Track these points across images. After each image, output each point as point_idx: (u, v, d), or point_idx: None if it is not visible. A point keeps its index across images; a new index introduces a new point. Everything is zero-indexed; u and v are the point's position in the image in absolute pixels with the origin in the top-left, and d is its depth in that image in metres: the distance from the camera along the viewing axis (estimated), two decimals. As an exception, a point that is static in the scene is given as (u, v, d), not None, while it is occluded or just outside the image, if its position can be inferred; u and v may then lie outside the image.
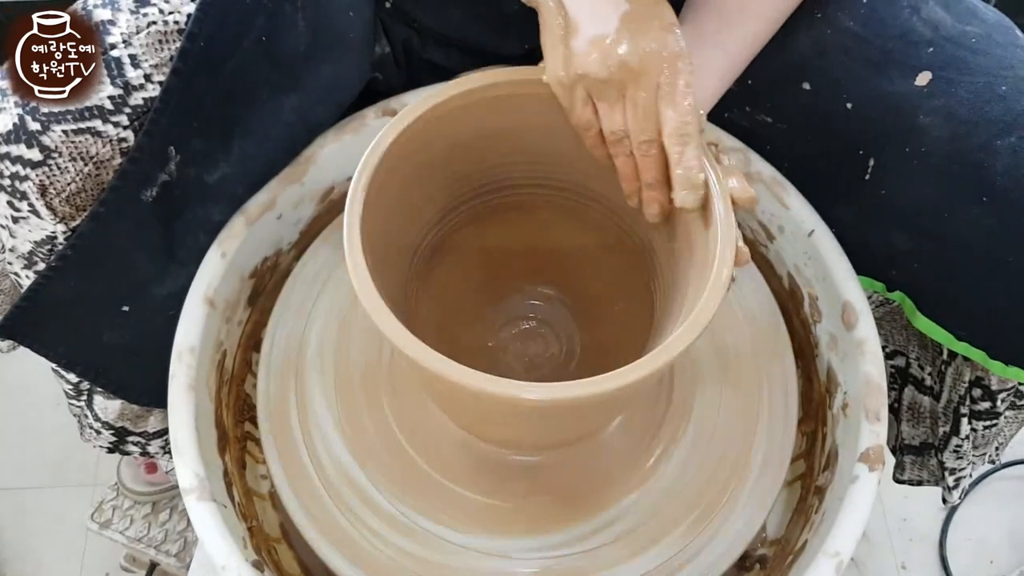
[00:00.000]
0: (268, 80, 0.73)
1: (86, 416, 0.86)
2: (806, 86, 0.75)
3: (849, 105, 0.72)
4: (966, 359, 0.76)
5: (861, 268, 0.76)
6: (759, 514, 0.71)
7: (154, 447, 0.90)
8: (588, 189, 0.71)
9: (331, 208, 0.84)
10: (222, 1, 0.67)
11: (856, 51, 0.72)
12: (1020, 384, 0.72)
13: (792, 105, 0.76)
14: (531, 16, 0.81)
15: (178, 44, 0.66)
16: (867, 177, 0.73)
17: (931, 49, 0.70)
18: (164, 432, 0.88)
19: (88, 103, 0.64)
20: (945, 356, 0.80)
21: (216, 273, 0.73)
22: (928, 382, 0.85)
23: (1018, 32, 0.73)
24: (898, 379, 0.88)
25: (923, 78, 0.69)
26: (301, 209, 0.81)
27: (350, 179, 0.58)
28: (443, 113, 0.62)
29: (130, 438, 0.88)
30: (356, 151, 0.59)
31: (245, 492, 0.75)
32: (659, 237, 0.68)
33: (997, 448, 0.85)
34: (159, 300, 0.73)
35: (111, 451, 0.90)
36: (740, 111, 0.80)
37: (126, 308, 0.73)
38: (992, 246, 0.68)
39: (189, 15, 0.67)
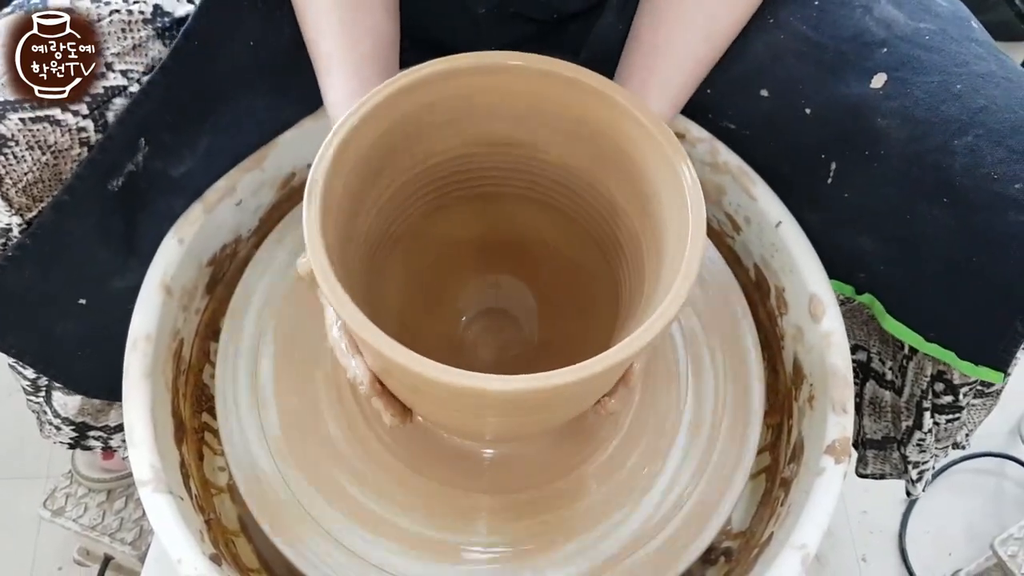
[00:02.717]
0: (249, 83, 0.72)
1: (45, 412, 0.84)
2: (764, 93, 0.74)
3: (808, 110, 0.72)
4: (927, 354, 0.76)
5: (830, 271, 0.76)
6: (724, 506, 0.71)
7: (116, 441, 0.89)
8: (554, 178, 0.70)
9: (291, 195, 0.83)
10: (223, 1, 0.67)
11: (810, 55, 0.72)
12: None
13: (752, 112, 0.76)
14: (501, 17, 0.80)
15: (143, 32, 0.66)
16: (830, 181, 0.73)
17: (885, 50, 0.69)
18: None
19: None
20: (906, 351, 0.80)
21: (173, 260, 0.72)
22: (889, 377, 0.85)
23: (974, 23, 0.73)
24: (859, 374, 0.88)
25: (878, 80, 0.69)
26: (261, 195, 0.80)
27: (310, 165, 0.57)
28: (403, 101, 0.61)
29: (91, 433, 0.87)
30: (317, 137, 0.58)
31: (203, 484, 0.73)
32: (626, 227, 0.67)
33: (967, 435, 0.86)
34: (118, 293, 0.72)
35: (72, 447, 0.88)
36: (703, 119, 0.80)
37: (83, 300, 0.71)
38: (955, 246, 0.68)
39: (156, 6, 0.66)
